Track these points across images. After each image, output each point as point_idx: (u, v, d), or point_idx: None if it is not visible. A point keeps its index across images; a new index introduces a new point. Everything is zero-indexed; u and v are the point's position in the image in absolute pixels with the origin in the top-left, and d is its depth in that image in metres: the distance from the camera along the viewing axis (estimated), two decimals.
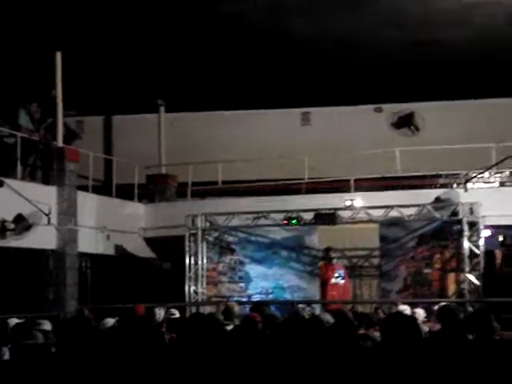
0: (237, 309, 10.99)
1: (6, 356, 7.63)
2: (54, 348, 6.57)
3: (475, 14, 14.95)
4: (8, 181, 13.37)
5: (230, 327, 7.36)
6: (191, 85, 18.17)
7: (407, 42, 16.11)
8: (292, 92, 18.73)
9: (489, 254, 14.71)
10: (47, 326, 9.07)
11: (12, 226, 13.39)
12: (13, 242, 13.48)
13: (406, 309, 10.85)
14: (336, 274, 14.89)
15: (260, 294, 15.99)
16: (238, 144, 19.51)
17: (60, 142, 15.46)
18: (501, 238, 15.39)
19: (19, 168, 14.32)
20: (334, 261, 15.04)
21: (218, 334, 5.85)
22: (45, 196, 14.37)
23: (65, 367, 5.48)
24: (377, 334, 8.75)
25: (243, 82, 18.15)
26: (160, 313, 10.84)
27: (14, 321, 10.04)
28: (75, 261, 15.23)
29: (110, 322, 9.32)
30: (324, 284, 15.03)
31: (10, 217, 13.38)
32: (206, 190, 18.37)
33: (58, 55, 15.42)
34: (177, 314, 11.14)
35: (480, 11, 14.81)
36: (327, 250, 15.09)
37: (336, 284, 14.83)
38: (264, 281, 16.11)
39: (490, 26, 15.36)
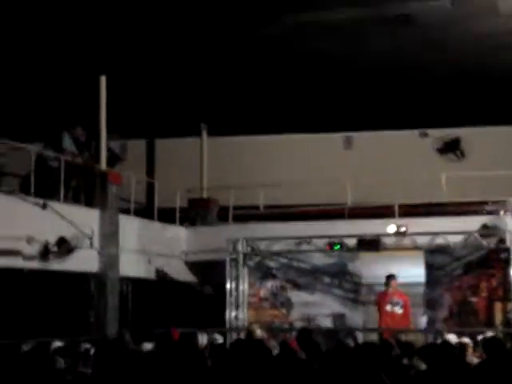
0: (259, 332, 10.90)
1: None
2: (91, 371, 6.51)
3: None
4: (51, 203, 13.42)
5: None
6: (234, 108, 18.19)
7: (451, 64, 15.93)
8: (335, 116, 18.63)
9: None
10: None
11: (55, 248, 13.41)
12: (55, 264, 13.49)
13: (452, 338, 10.55)
14: (393, 302, 14.57)
15: (302, 320, 15.82)
16: (280, 168, 19.41)
17: (103, 165, 15.51)
18: None
19: (62, 191, 14.37)
20: (390, 289, 14.72)
21: (263, 362, 5.73)
22: (87, 219, 14.39)
23: None
24: (421, 363, 8.55)
25: (286, 105, 18.11)
26: (202, 338, 10.72)
27: (56, 344, 10.03)
28: (116, 284, 15.18)
29: (148, 346, 9.22)
30: (379, 311, 14.79)
31: (52, 239, 13.40)
32: (248, 214, 18.25)
33: (103, 79, 15.52)
34: (220, 340, 10.96)
35: None
36: (387, 277, 14.85)
37: (391, 312, 14.54)
38: (306, 307, 15.94)
39: None
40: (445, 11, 13.84)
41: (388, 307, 14.56)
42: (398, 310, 14.60)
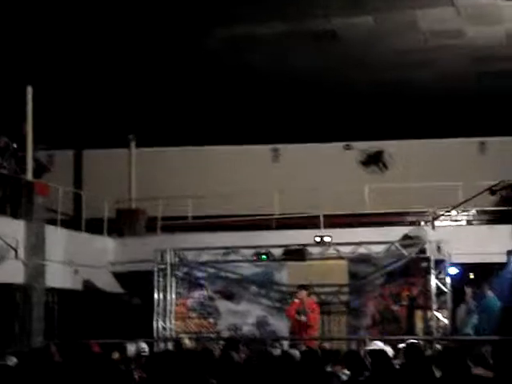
0: (187, 342, 10.98)
1: None
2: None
3: (440, 55, 15.28)
4: None
5: None
6: (162, 120, 18.26)
7: (374, 80, 16.37)
8: (262, 128, 18.89)
9: (458, 291, 14.82)
10: (12, 361, 8.95)
11: None
12: None
13: (380, 344, 10.71)
14: (300, 310, 14.88)
15: (229, 329, 15.95)
16: (208, 179, 19.56)
17: (29, 176, 15.38)
18: (472, 276, 15.52)
19: None
20: (297, 300, 15.02)
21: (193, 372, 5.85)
22: (13, 230, 14.26)
23: None
24: (344, 372, 8.81)
25: (214, 117, 18.28)
26: (131, 349, 10.74)
27: None
28: (42, 295, 15.06)
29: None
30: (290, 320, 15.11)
31: None
32: (176, 224, 18.32)
33: (29, 89, 15.41)
34: (146, 350, 10.96)
35: (444, 53, 15.15)
36: (298, 286, 15.16)
37: (298, 321, 14.85)
38: (233, 316, 16.09)
39: (453, 66, 15.70)
40: (367, 28, 14.28)
41: (296, 316, 14.88)
42: (304, 318, 14.88)
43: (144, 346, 10.92)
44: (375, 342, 10.85)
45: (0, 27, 13.67)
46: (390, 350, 11.14)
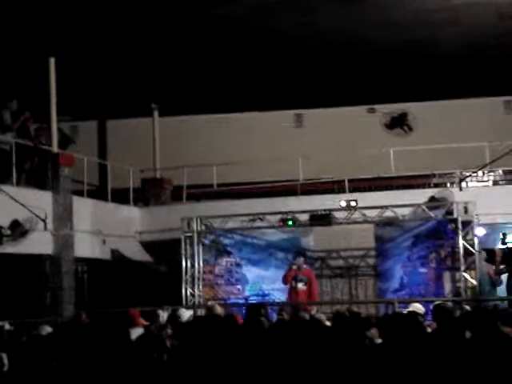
0: (219, 310, 10.99)
1: (5, 360, 7.67)
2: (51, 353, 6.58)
3: (463, 13, 15.04)
4: (3, 187, 13.38)
5: None
6: (185, 88, 18.22)
7: (398, 41, 16.17)
8: (284, 94, 18.80)
9: (489, 252, 14.74)
10: (45, 331, 9.07)
11: (8, 231, 13.40)
12: (9, 247, 13.49)
13: (419, 306, 10.59)
14: (298, 279, 14.94)
15: (257, 295, 16.05)
16: (232, 146, 19.56)
17: (55, 148, 15.47)
18: (501, 236, 15.38)
19: (14, 174, 14.33)
20: (294, 267, 15.07)
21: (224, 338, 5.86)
22: (40, 201, 14.38)
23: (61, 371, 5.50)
24: (375, 335, 8.80)
25: (237, 84, 18.20)
26: (163, 315, 10.77)
27: (7, 326, 10.04)
28: (71, 265, 15.24)
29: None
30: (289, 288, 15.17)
31: (6, 223, 13.40)
32: (201, 192, 18.40)
33: (52, 61, 15.43)
34: (186, 316, 10.70)
35: (468, 10, 14.91)
36: (295, 254, 15.21)
37: (295, 288, 14.91)
38: (261, 282, 16.18)
39: (478, 24, 15.45)
40: None
41: (292, 283, 14.94)
42: (302, 287, 14.96)
43: (184, 311, 10.75)
44: (413, 304, 10.76)
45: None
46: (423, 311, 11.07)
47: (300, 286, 14.97)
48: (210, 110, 19.56)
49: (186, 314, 10.43)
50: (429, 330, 8.82)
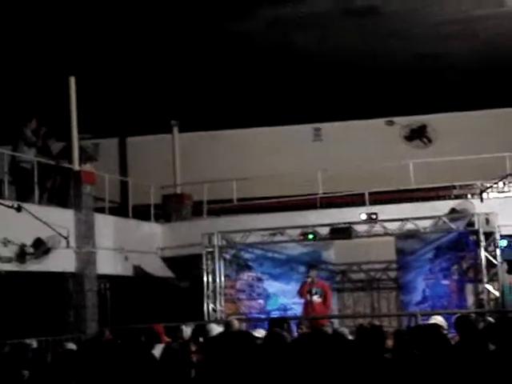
0: (236, 324, 11.01)
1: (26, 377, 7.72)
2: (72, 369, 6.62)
3: (481, 25, 15.04)
4: (26, 205, 13.50)
5: None
6: (204, 104, 18.32)
7: (415, 53, 16.19)
8: (303, 108, 18.85)
9: (510, 262, 14.69)
10: (69, 347, 9.14)
11: (31, 250, 13.50)
12: (32, 266, 13.59)
13: (440, 319, 10.55)
14: (312, 292, 14.96)
15: (279, 310, 16.04)
16: (252, 161, 19.61)
17: (76, 166, 15.61)
18: None
19: (37, 192, 14.47)
20: (309, 279, 15.08)
21: (248, 353, 5.89)
22: (63, 219, 14.49)
23: None
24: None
25: (255, 99, 18.28)
26: (187, 330, 10.80)
27: (34, 344, 10.12)
28: (94, 283, 15.33)
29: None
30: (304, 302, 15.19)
31: (29, 241, 13.50)
32: (222, 208, 18.46)
33: (72, 79, 15.62)
34: (216, 331, 10.69)
35: (487, 22, 14.91)
36: (309, 267, 15.28)
37: (311, 301, 14.93)
38: (282, 297, 16.18)
39: (496, 35, 15.44)
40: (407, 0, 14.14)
41: (307, 296, 14.95)
42: (317, 299, 14.97)
43: (214, 327, 10.72)
44: (435, 316, 10.72)
45: (41, 17, 13.82)
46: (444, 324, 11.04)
47: (315, 298, 14.99)
48: (229, 125, 19.66)
49: (215, 329, 10.42)
50: (452, 342, 8.79)
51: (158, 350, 7.80)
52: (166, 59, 16.10)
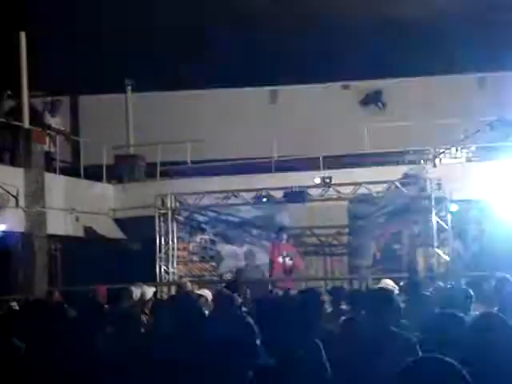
0: (189, 285, 11.03)
1: None
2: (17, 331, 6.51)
3: None
4: None
5: None
6: (158, 64, 18.03)
7: (372, 17, 16.12)
8: (259, 71, 18.68)
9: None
10: (14, 305, 9.01)
11: None
12: None
13: (389, 282, 10.66)
14: (283, 254, 14.98)
15: (231, 272, 16.04)
16: (206, 123, 19.46)
17: (26, 124, 15.29)
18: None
19: None
20: (282, 242, 15.09)
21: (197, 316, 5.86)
22: (12, 178, 14.23)
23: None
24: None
25: (211, 61, 18.05)
26: (137, 292, 10.76)
27: None
28: (44, 243, 15.13)
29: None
30: (271, 263, 15.13)
31: None
32: (175, 169, 18.30)
33: (23, 35, 15.22)
34: (150, 293, 10.85)
35: None
36: (279, 229, 15.17)
37: (283, 263, 14.95)
38: (235, 259, 16.18)
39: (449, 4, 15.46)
40: None
41: (280, 259, 14.95)
42: (289, 261, 15.01)
43: (148, 289, 10.84)
44: (384, 280, 10.83)
45: None
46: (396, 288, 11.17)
47: (287, 260, 14.96)
48: (184, 86, 19.41)
49: (149, 292, 10.49)
50: (402, 305, 8.88)
51: None
52: (121, 15, 15.75)
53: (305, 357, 4.68)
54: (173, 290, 14.51)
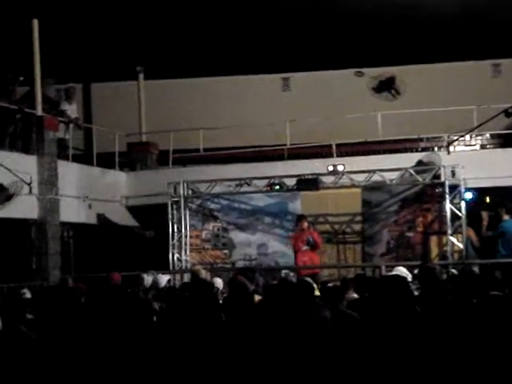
0: (203, 273, 11.03)
1: None
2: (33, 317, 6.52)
3: None
4: None
5: None
6: (171, 51, 18.00)
7: (387, 3, 16.01)
8: (272, 57, 18.62)
9: (475, 215, 14.75)
10: (27, 294, 9.04)
11: None
12: None
13: (403, 270, 10.59)
14: (309, 241, 14.81)
15: (244, 260, 16.04)
16: (219, 111, 19.41)
17: (39, 111, 15.28)
18: (487, 200, 15.38)
19: None
20: (304, 230, 14.91)
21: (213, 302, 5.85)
22: (25, 165, 14.24)
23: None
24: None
25: (223, 47, 18.01)
26: (148, 279, 10.79)
27: None
28: (57, 230, 15.14)
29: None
30: (296, 252, 14.96)
31: None
32: (188, 157, 18.28)
33: (35, 22, 15.18)
34: (164, 281, 10.91)
35: None
36: (298, 218, 15.03)
37: (307, 251, 14.75)
38: (247, 247, 16.16)
39: None
40: None
41: (304, 247, 14.75)
42: (313, 249, 14.82)
43: (162, 276, 10.89)
44: (398, 267, 10.78)
45: None
46: (410, 276, 11.12)
47: (311, 247, 14.74)
48: (197, 73, 19.36)
49: (163, 279, 10.52)
50: (416, 293, 8.84)
51: None
52: (133, 4, 15.73)
53: None
54: (186, 278, 14.52)
